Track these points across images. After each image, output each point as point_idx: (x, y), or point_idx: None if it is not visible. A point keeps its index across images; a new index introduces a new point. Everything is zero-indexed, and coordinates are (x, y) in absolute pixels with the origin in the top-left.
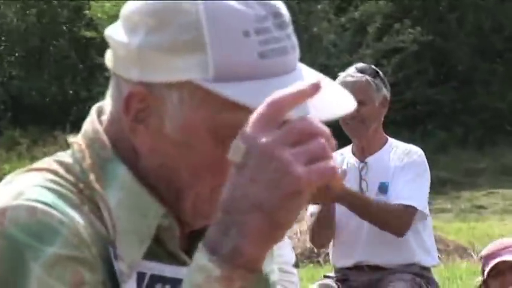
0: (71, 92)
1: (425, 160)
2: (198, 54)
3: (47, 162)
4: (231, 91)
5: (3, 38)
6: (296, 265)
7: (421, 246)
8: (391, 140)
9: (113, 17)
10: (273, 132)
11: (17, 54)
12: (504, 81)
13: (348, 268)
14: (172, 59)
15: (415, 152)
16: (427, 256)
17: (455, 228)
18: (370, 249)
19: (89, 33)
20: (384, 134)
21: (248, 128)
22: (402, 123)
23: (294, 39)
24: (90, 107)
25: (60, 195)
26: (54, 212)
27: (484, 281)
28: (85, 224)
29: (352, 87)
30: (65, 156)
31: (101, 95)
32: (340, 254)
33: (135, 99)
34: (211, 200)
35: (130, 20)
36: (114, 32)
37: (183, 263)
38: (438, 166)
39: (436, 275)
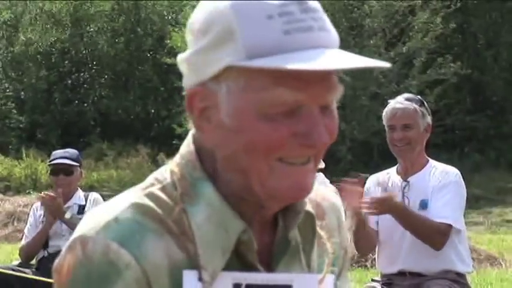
0: (152, 111)
1: (462, 180)
2: (230, 41)
3: (150, 181)
4: (259, 63)
5: (95, 63)
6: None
7: (456, 256)
8: (431, 161)
9: None
10: None
11: (106, 77)
12: None
13: (393, 274)
14: (212, 54)
15: (453, 173)
16: (462, 264)
17: (486, 240)
18: (411, 259)
19: (169, 60)
20: (426, 156)
21: None
22: (442, 146)
23: (324, 22)
24: (169, 124)
25: (143, 226)
26: (124, 252)
27: None
28: (160, 256)
29: (402, 112)
30: (165, 175)
31: (178, 114)
32: (386, 262)
33: (195, 99)
34: (274, 175)
35: (187, 41)
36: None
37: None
38: (473, 184)
39: (468, 281)
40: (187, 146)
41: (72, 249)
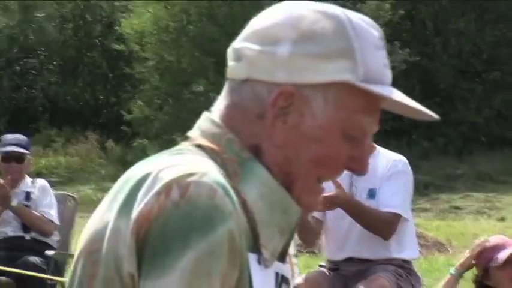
0: (101, 97)
1: (410, 168)
2: (348, 60)
3: (197, 156)
4: (377, 90)
5: (43, 49)
6: (295, 255)
7: (402, 244)
8: (379, 149)
9: (140, 33)
10: None
11: (55, 63)
12: (481, 98)
13: (340, 260)
14: (322, 64)
15: (400, 161)
16: (408, 251)
17: (434, 226)
18: (359, 247)
19: (118, 47)
20: (373, 144)
21: None
22: (390, 133)
23: None
24: (118, 111)
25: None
26: (228, 201)
27: (484, 272)
28: (241, 219)
29: None
30: (200, 152)
31: (127, 101)
32: (333, 249)
33: (282, 97)
34: (314, 190)
35: (269, 34)
36: (251, 45)
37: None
38: (421, 171)
39: (416, 266)
40: (217, 127)
41: (163, 194)
